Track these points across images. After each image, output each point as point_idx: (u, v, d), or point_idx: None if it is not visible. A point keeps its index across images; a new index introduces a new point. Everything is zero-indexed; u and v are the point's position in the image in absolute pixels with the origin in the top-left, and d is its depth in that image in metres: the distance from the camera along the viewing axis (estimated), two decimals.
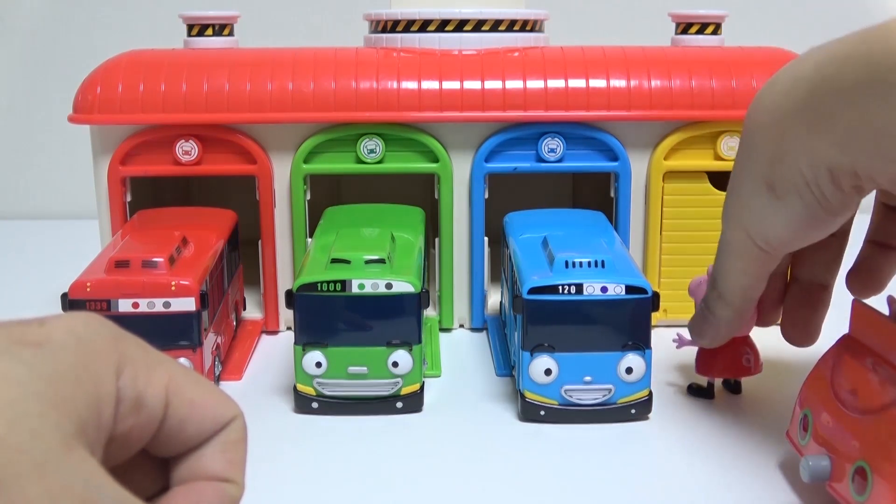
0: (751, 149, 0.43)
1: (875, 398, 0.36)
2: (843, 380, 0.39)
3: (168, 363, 0.30)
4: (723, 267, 0.46)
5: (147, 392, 0.28)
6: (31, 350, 0.26)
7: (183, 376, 0.30)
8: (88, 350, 0.27)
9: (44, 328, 0.27)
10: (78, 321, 0.28)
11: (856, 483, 0.36)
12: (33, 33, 1.03)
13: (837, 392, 0.39)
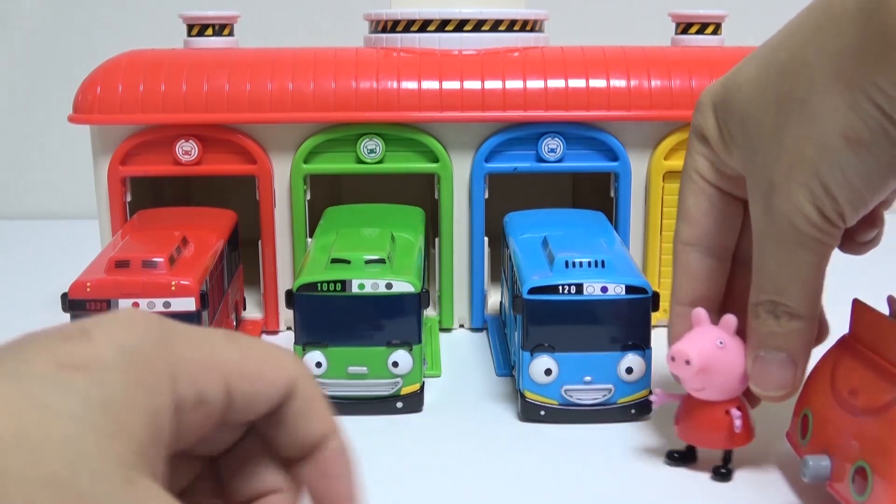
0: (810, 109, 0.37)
1: (875, 398, 0.36)
2: (843, 380, 0.39)
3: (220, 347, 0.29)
4: (782, 268, 0.39)
5: (207, 388, 0.28)
6: (80, 375, 0.25)
7: (238, 355, 0.29)
8: (139, 364, 0.26)
9: (90, 345, 0.26)
10: (123, 330, 0.27)
11: (856, 483, 0.36)
12: (33, 33, 1.03)
13: (837, 392, 0.39)
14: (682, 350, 0.40)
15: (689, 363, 0.40)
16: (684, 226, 0.44)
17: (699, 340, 0.41)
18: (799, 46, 0.37)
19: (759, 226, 0.39)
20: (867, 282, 0.75)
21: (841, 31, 0.36)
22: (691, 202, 0.44)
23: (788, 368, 0.40)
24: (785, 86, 0.37)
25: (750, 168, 0.40)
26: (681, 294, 0.45)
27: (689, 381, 0.41)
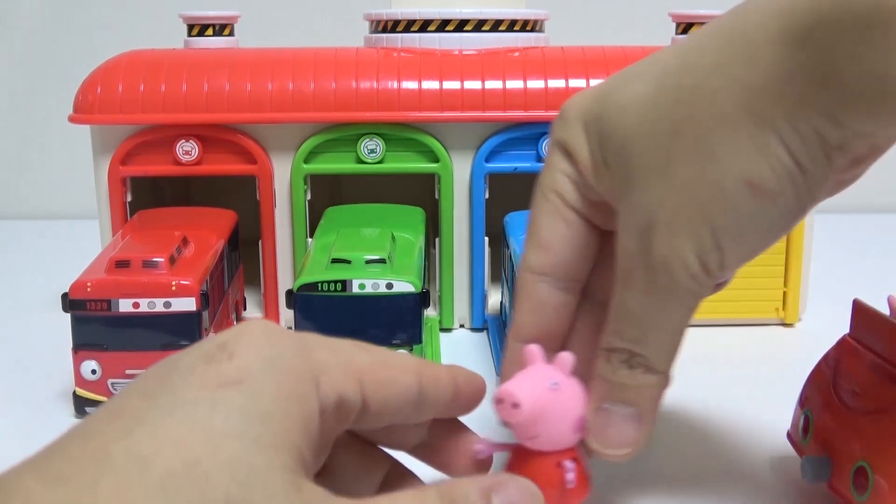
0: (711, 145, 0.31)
1: (875, 398, 0.36)
2: (844, 380, 0.39)
3: (353, 352, 0.30)
4: (647, 316, 0.33)
5: (346, 391, 0.29)
6: (234, 391, 0.25)
7: (369, 360, 0.30)
8: (285, 373, 0.27)
9: (235, 361, 0.26)
10: (263, 341, 0.27)
11: (856, 483, 0.36)
12: (33, 33, 1.03)
13: (838, 392, 0.39)
14: (511, 392, 0.34)
15: (518, 407, 0.34)
16: (536, 252, 0.38)
17: (530, 381, 0.35)
18: (705, 71, 0.31)
19: (627, 266, 0.33)
20: (867, 282, 0.75)
21: (759, 60, 0.30)
22: (546, 226, 0.38)
23: (634, 425, 0.34)
24: (684, 115, 0.31)
25: (626, 201, 0.33)
26: (523, 330, 0.38)
27: (519, 427, 0.35)
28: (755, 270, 0.64)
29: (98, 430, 0.24)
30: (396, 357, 0.31)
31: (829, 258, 0.77)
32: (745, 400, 0.52)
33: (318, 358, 0.28)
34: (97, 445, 0.24)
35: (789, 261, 0.64)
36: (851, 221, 0.97)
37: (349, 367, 0.29)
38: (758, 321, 0.65)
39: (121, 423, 0.25)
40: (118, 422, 0.25)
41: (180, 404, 0.25)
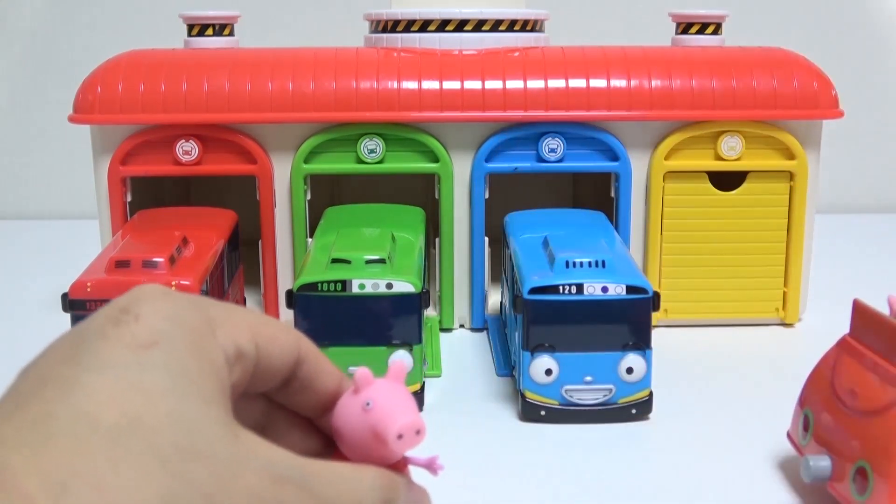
0: None
1: (875, 398, 0.36)
2: (844, 380, 0.39)
3: (239, 309, 0.32)
4: None
5: (241, 342, 0.30)
6: (154, 352, 0.27)
7: (257, 318, 0.32)
8: (189, 329, 0.28)
9: (142, 323, 0.28)
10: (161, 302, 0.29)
11: (856, 483, 0.36)
12: (33, 33, 1.03)
13: (838, 392, 0.39)
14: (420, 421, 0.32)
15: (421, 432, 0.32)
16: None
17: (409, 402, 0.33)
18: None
19: None
20: (867, 282, 0.75)
21: None
22: None
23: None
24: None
25: None
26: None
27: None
28: (755, 271, 0.64)
29: (31, 396, 0.25)
30: (278, 322, 0.33)
31: (829, 258, 0.77)
32: (745, 399, 0.52)
33: (212, 314, 0.30)
34: (37, 410, 0.24)
35: (789, 261, 0.64)
36: (851, 221, 0.97)
37: (241, 318, 0.31)
38: (758, 321, 0.65)
39: (54, 387, 0.25)
40: (50, 387, 0.25)
41: (108, 366, 0.26)
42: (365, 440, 0.32)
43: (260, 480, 0.26)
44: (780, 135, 0.62)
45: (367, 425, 0.32)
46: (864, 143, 1.06)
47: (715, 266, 0.63)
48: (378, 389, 0.33)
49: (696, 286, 0.64)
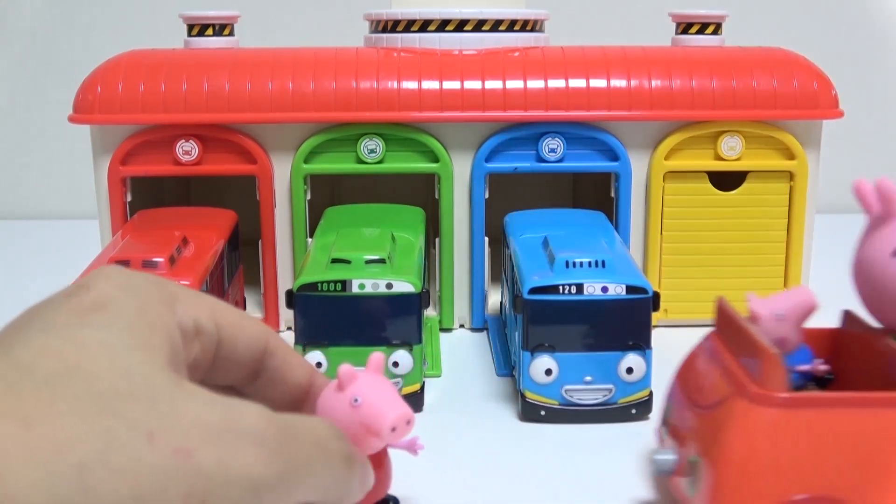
0: None
1: (713, 394, 0.36)
2: (696, 375, 0.39)
3: (206, 295, 0.32)
4: None
5: (201, 318, 0.31)
6: (100, 313, 0.27)
7: (219, 303, 0.32)
8: (142, 297, 0.29)
9: (94, 292, 0.28)
10: (117, 276, 0.30)
11: (691, 477, 0.36)
12: (33, 33, 1.03)
13: (687, 388, 0.39)
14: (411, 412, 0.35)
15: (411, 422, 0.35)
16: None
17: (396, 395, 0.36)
18: None
19: None
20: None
21: None
22: None
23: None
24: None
25: None
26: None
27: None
28: (755, 271, 0.64)
29: None
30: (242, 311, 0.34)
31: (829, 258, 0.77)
32: None
33: (171, 289, 0.31)
34: None
35: (789, 261, 0.64)
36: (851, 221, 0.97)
37: (202, 299, 0.32)
38: None
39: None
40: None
41: (51, 326, 0.26)
42: (356, 435, 0.33)
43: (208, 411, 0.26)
44: (780, 135, 0.62)
45: (358, 421, 0.33)
46: (864, 143, 1.06)
47: (715, 266, 0.63)
48: (363, 385, 0.34)
49: (696, 286, 0.64)
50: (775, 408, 0.33)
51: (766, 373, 0.34)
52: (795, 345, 0.38)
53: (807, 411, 0.33)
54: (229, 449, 0.26)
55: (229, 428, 0.26)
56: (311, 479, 0.29)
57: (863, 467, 0.33)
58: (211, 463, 0.25)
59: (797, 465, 0.33)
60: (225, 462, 0.25)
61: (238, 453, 0.26)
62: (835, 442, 0.33)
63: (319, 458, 0.29)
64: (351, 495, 0.32)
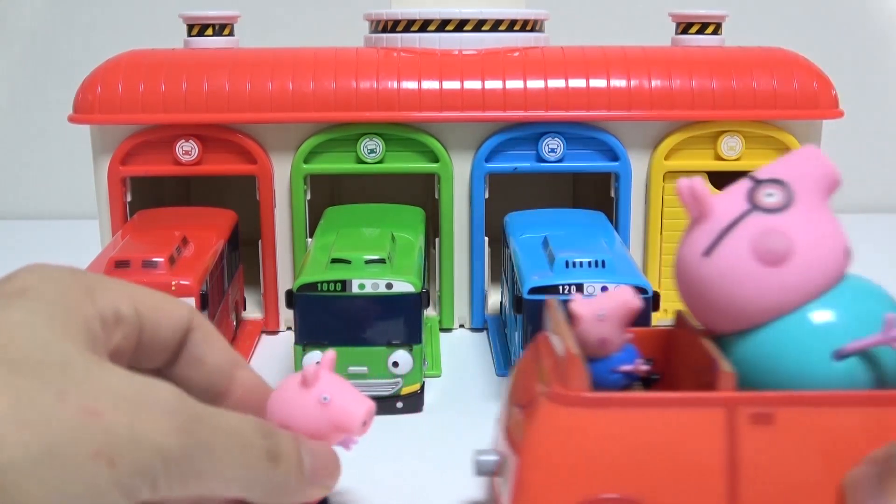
0: None
1: (526, 394, 0.36)
2: (519, 375, 0.39)
3: (125, 283, 0.33)
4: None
5: (121, 306, 0.31)
6: (20, 299, 0.29)
7: (140, 289, 0.33)
8: (62, 285, 0.30)
9: (15, 280, 0.30)
10: (39, 269, 0.31)
11: (503, 477, 0.36)
12: (33, 33, 1.03)
13: (513, 386, 0.39)
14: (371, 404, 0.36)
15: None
16: None
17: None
18: None
19: None
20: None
21: None
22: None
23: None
24: None
25: None
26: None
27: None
28: None
29: None
30: (167, 295, 0.34)
31: None
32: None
33: (90, 279, 0.32)
34: None
35: None
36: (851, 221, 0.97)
37: (122, 288, 0.32)
38: None
39: None
40: None
41: None
42: (323, 432, 0.34)
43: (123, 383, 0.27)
44: (780, 135, 0.62)
45: (328, 419, 0.35)
46: (864, 143, 1.06)
47: None
48: (328, 383, 0.35)
49: None
50: (574, 407, 0.33)
51: (568, 373, 0.34)
52: (619, 345, 0.38)
53: (606, 411, 0.33)
54: (140, 415, 0.26)
55: (143, 398, 0.27)
56: (226, 469, 0.29)
57: (662, 467, 0.32)
58: (121, 425, 0.26)
59: (600, 465, 0.33)
60: (135, 427, 0.26)
61: (148, 420, 0.26)
62: (634, 442, 0.33)
63: (235, 449, 0.29)
64: (287, 494, 0.32)
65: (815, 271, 0.34)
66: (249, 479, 0.30)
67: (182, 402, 0.28)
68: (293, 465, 0.32)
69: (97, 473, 0.25)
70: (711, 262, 0.35)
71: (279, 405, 0.35)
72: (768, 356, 0.34)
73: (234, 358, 0.36)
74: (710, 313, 0.36)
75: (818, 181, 0.36)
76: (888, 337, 0.33)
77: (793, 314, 0.34)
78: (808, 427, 0.33)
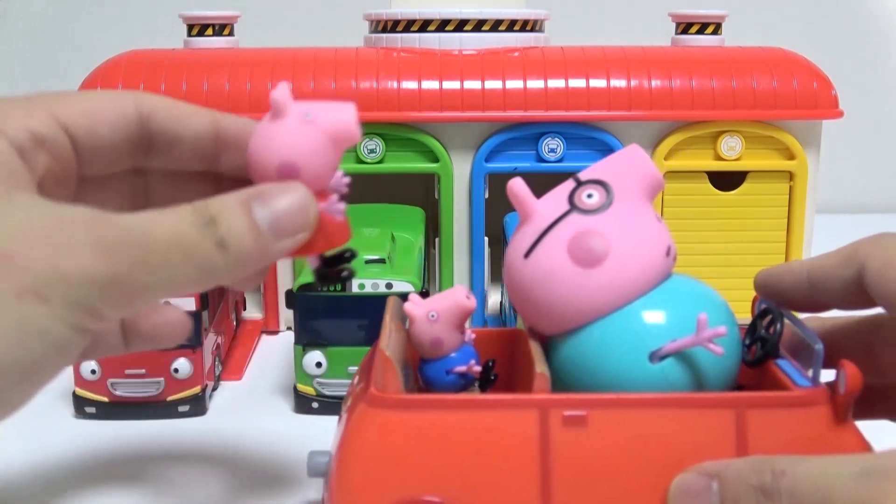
0: None
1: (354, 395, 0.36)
2: (355, 377, 0.38)
3: (45, 98, 0.30)
4: None
5: (37, 128, 0.29)
6: None
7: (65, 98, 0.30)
8: None
9: None
10: None
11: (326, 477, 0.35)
12: (33, 33, 1.03)
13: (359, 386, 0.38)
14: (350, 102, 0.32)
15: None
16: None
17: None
18: None
19: None
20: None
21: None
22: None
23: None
24: None
25: None
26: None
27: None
28: (755, 271, 0.64)
29: None
30: (106, 91, 0.33)
31: None
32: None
33: (3, 104, 0.29)
34: None
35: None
36: (851, 221, 0.97)
37: (36, 107, 0.30)
38: None
39: None
40: None
41: None
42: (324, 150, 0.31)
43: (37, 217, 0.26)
44: (779, 135, 0.62)
45: (323, 133, 0.31)
46: (864, 143, 1.06)
47: (715, 266, 0.63)
48: (301, 105, 0.31)
49: None
50: (387, 409, 0.32)
51: (383, 375, 0.33)
52: (456, 345, 0.37)
53: (419, 414, 0.32)
54: (59, 249, 0.25)
55: (58, 231, 0.26)
56: (173, 276, 0.28)
57: (478, 470, 0.32)
58: (39, 262, 0.25)
59: (415, 467, 0.32)
60: (54, 261, 0.25)
61: (68, 254, 0.25)
62: (449, 444, 0.32)
63: (176, 255, 0.27)
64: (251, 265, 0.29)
65: (632, 272, 0.34)
66: (204, 271, 0.28)
67: (101, 225, 0.26)
68: (247, 237, 0.29)
69: (30, 311, 0.25)
70: (530, 264, 0.35)
71: (267, 144, 0.31)
72: (588, 358, 0.34)
73: (209, 114, 0.33)
74: (532, 315, 0.36)
75: (640, 182, 0.36)
76: (700, 338, 0.33)
77: (611, 315, 0.34)
78: (621, 430, 0.32)
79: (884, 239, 0.34)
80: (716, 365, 0.34)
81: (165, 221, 0.28)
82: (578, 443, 0.32)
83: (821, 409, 0.32)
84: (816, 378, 0.33)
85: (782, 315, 0.36)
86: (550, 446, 0.32)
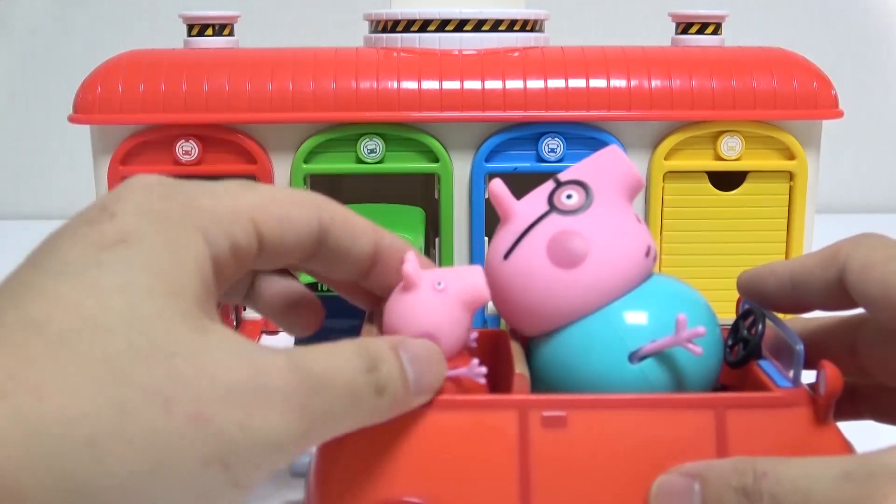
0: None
1: None
2: None
3: (239, 192, 0.29)
4: None
5: (237, 235, 0.28)
6: (120, 249, 0.25)
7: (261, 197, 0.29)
8: (167, 223, 0.27)
9: (117, 222, 0.26)
10: (143, 198, 0.27)
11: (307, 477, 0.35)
12: (33, 33, 1.03)
13: None
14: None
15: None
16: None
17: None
18: None
19: None
20: None
21: None
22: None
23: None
24: None
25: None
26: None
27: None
28: None
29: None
30: (293, 193, 0.31)
31: None
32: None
33: (203, 206, 0.28)
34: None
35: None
36: (851, 221, 0.97)
37: (238, 209, 0.29)
38: None
39: (9, 292, 0.24)
40: (6, 292, 0.24)
41: (66, 268, 0.25)
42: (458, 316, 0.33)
43: (231, 369, 0.25)
44: (779, 135, 0.62)
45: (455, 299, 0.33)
46: (864, 143, 1.06)
47: (715, 266, 0.63)
48: (428, 273, 0.33)
49: (696, 286, 0.64)
50: None
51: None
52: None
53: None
54: (252, 411, 0.24)
55: (253, 387, 0.25)
56: (343, 426, 0.28)
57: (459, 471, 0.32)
58: (232, 427, 0.24)
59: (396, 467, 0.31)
60: (247, 425, 0.24)
61: (261, 414, 0.25)
62: (430, 444, 0.32)
63: (347, 406, 0.27)
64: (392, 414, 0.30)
65: (611, 272, 0.34)
66: (362, 420, 0.28)
67: (296, 375, 0.26)
68: (399, 387, 0.29)
69: (211, 478, 0.24)
70: (510, 265, 0.35)
71: (404, 315, 0.32)
72: (568, 358, 0.34)
73: (374, 233, 0.33)
74: (513, 316, 0.36)
75: (619, 182, 0.36)
76: (679, 338, 0.32)
77: (591, 316, 0.34)
78: (601, 430, 0.32)
79: (865, 239, 0.34)
80: (696, 365, 0.34)
81: (343, 368, 0.28)
82: (558, 443, 0.32)
83: (801, 410, 0.32)
84: (797, 379, 0.33)
85: (764, 316, 0.36)
86: (530, 447, 0.32)
